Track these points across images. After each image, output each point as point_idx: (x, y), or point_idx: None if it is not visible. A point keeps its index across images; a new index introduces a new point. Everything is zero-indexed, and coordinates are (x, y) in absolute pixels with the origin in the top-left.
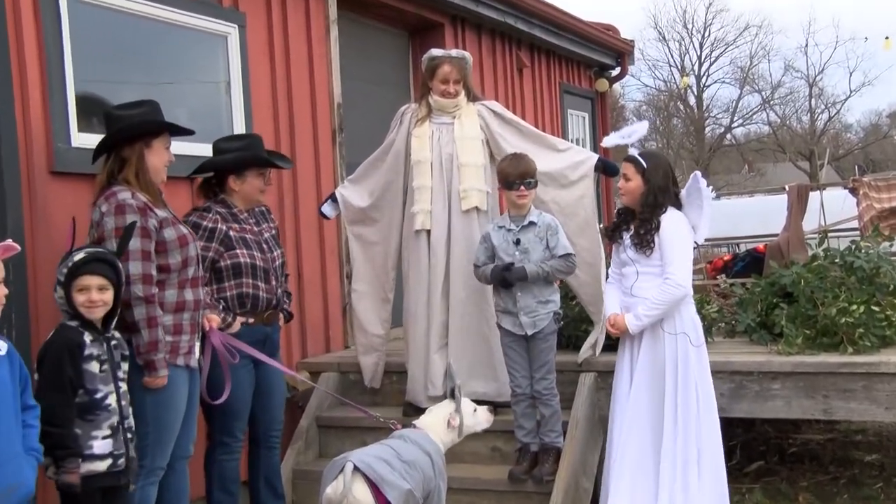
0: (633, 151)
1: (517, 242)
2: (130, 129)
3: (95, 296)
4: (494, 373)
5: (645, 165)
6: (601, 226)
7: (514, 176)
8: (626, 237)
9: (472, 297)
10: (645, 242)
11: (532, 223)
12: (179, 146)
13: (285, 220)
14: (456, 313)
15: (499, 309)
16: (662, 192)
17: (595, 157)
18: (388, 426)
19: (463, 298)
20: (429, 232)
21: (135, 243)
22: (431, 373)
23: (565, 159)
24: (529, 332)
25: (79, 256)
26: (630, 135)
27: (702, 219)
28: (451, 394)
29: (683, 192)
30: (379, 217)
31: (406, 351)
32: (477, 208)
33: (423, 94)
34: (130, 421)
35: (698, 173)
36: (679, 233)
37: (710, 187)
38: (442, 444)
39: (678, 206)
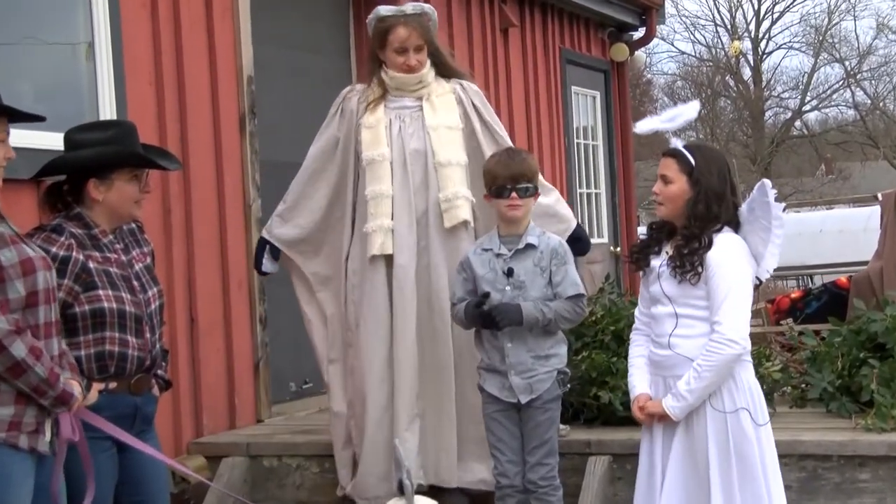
0: (677, 143)
1: (509, 273)
2: None
3: None
4: None
5: (693, 162)
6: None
7: (505, 178)
8: (660, 263)
9: (466, 345)
10: (688, 267)
11: (531, 246)
12: (23, 135)
13: (173, 240)
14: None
15: (481, 366)
16: (718, 199)
17: (574, 221)
18: None
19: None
20: (390, 259)
21: None
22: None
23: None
24: (523, 400)
25: None
26: (674, 118)
27: (768, 246)
28: (400, 488)
29: (744, 207)
30: (326, 251)
31: (354, 429)
32: (466, 223)
33: (374, 68)
34: None
35: (767, 182)
36: (736, 265)
37: (783, 204)
38: None
39: (736, 225)
